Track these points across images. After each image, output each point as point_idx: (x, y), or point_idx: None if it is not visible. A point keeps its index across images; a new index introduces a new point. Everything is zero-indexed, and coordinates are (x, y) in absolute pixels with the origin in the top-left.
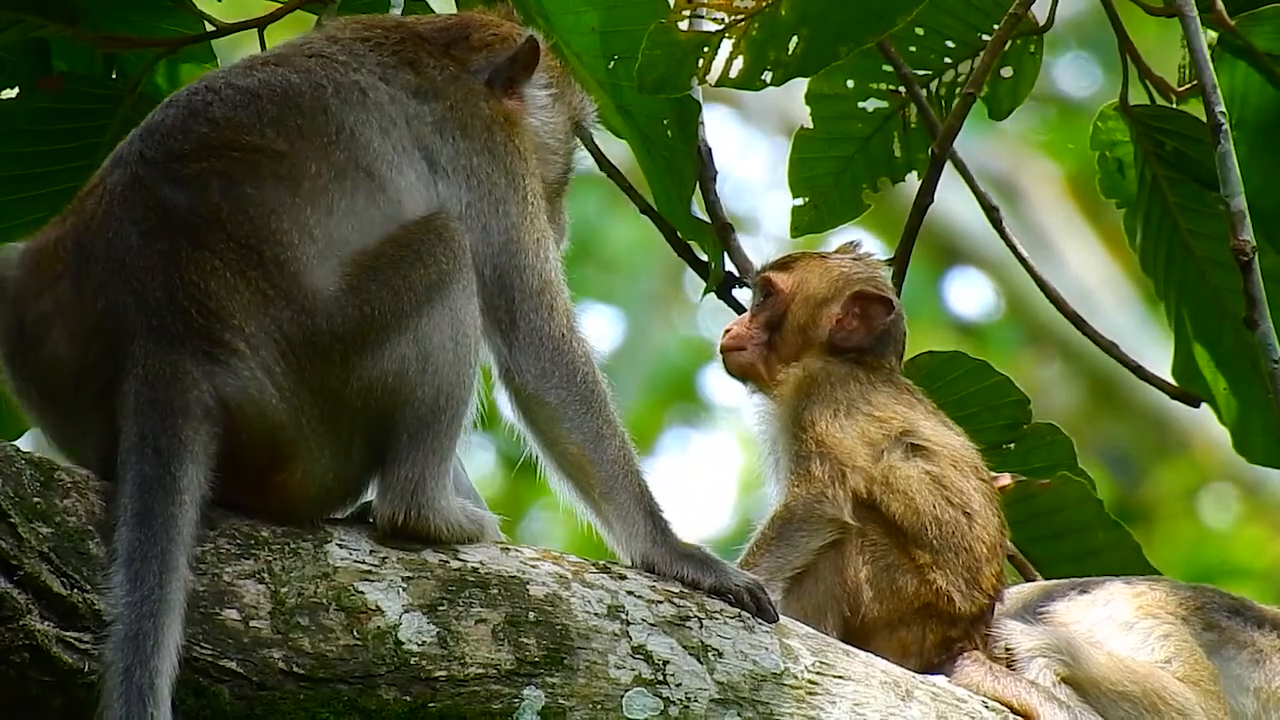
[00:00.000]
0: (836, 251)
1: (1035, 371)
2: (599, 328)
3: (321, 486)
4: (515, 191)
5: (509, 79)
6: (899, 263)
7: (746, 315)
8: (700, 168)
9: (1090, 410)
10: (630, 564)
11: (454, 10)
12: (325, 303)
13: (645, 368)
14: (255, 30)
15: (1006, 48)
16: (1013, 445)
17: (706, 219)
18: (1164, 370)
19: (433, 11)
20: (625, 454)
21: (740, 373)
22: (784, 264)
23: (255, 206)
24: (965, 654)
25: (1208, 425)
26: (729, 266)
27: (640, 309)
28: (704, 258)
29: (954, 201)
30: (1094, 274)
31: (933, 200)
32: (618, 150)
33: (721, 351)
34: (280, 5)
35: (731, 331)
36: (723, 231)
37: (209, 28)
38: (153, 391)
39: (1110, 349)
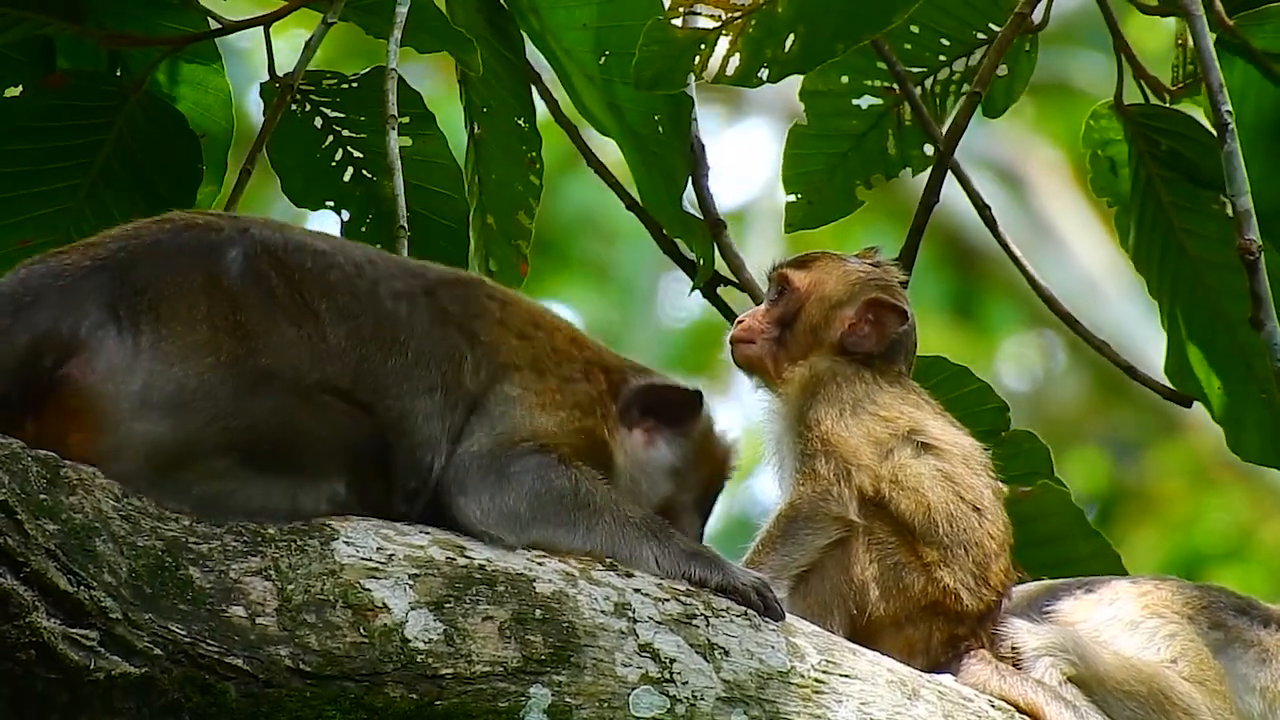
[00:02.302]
0: (857, 255)
1: (1040, 358)
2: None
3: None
4: (563, 399)
5: (647, 410)
6: (905, 262)
7: (760, 308)
8: (693, 164)
9: (1095, 396)
10: None
11: (445, 10)
12: None
13: (647, 348)
14: (261, 28)
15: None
16: (990, 451)
17: (698, 215)
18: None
19: (433, 6)
20: (616, 513)
21: (748, 365)
22: (802, 262)
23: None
24: (972, 653)
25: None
26: (720, 263)
27: (643, 285)
28: (691, 255)
29: (961, 194)
30: (1100, 262)
31: (938, 200)
32: (604, 143)
33: (731, 342)
34: (285, 3)
35: (743, 323)
36: (714, 228)
37: (214, 25)
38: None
39: (1102, 348)
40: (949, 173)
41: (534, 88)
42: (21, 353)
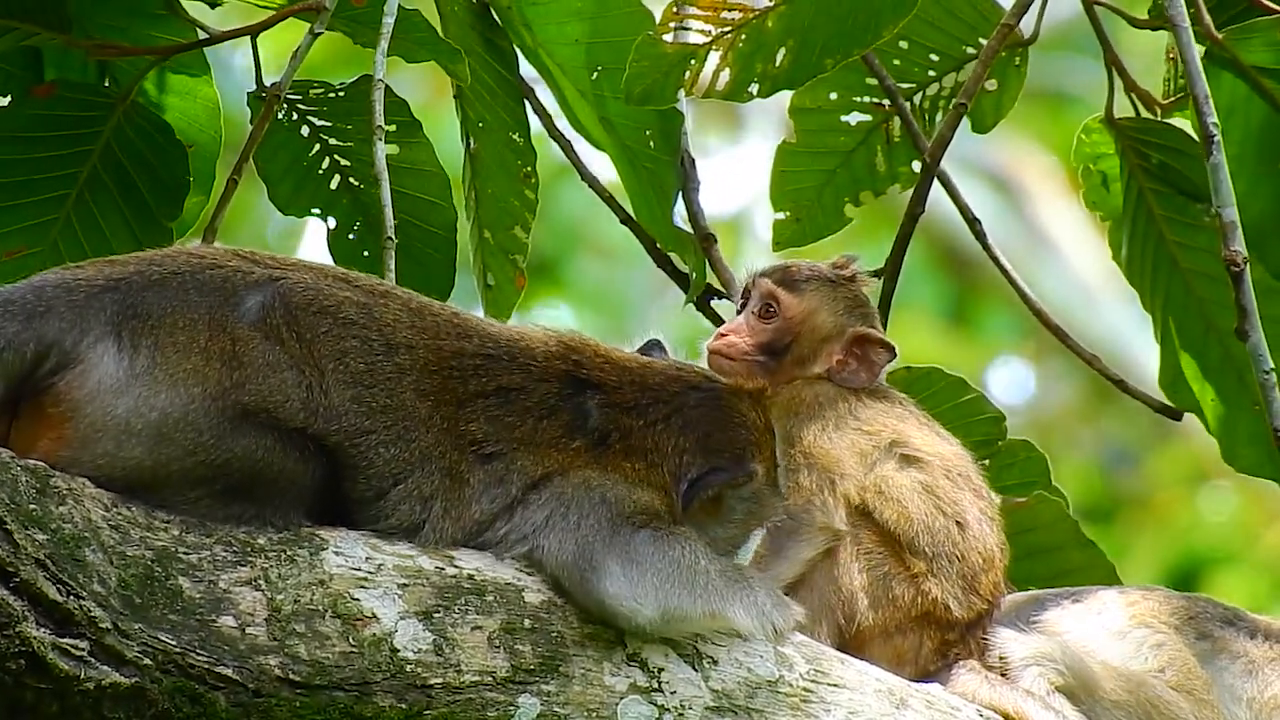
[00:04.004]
0: (832, 264)
1: (1036, 364)
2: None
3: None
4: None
5: (717, 497)
6: (890, 272)
7: (742, 322)
8: (683, 179)
9: (1092, 401)
10: None
11: (438, 24)
12: None
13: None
14: (248, 37)
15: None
16: (987, 461)
17: (689, 229)
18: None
19: (421, 17)
20: (725, 574)
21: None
22: (792, 283)
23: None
24: (961, 662)
25: None
26: (710, 277)
27: (639, 300)
28: (684, 268)
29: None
30: (1096, 270)
31: (924, 210)
32: (597, 159)
33: (710, 353)
34: (273, 13)
35: (726, 339)
36: (705, 242)
37: (201, 35)
38: None
39: (1093, 361)
40: (942, 183)
41: (527, 102)
42: (27, 360)
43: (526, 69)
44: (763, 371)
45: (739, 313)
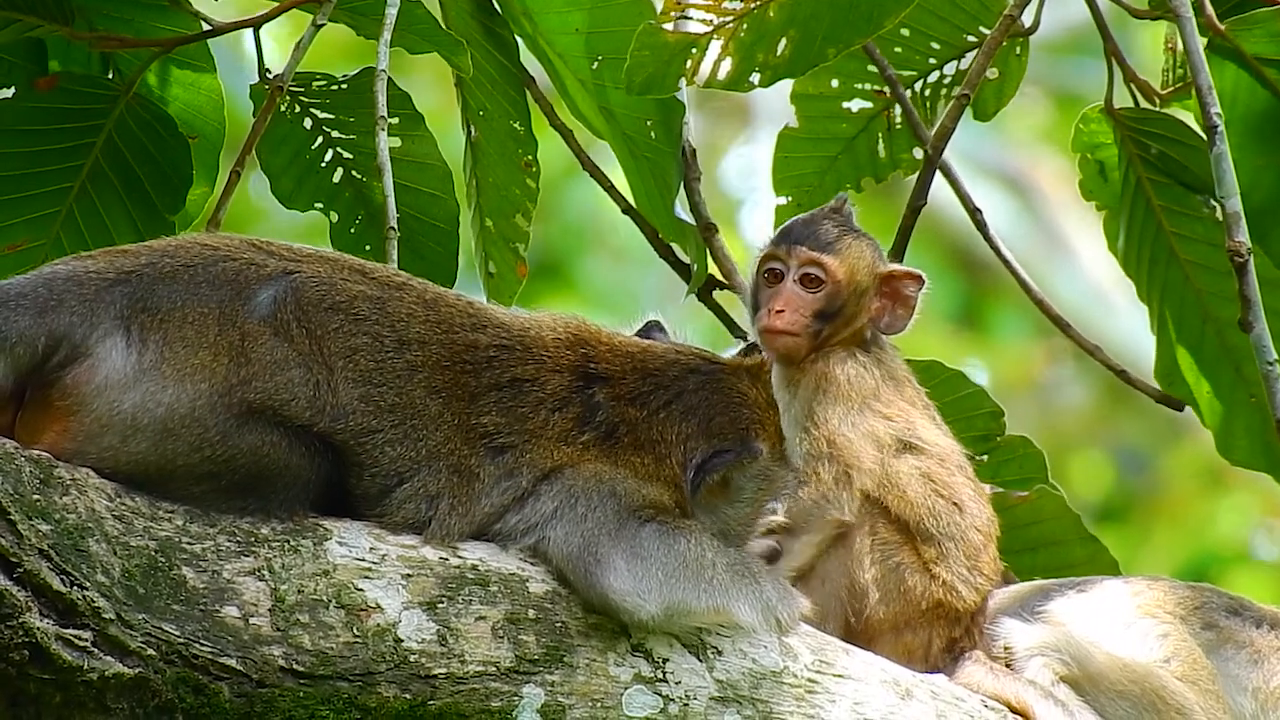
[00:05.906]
0: (831, 208)
1: (1048, 365)
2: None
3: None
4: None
5: (724, 479)
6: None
7: (790, 292)
8: (684, 169)
9: (1104, 402)
10: None
11: (439, 14)
12: None
13: None
14: (251, 29)
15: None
16: (985, 457)
17: (690, 220)
18: None
19: (423, 8)
20: (731, 567)
21: (786, 357)
22: (829, 245)
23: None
24: (966, 653)
25: None
26: (711, 267)
27: (652, 298)
28: (686, 259)
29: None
30: (1111, 272)
31: (925, 202)
32: (600, 149)
33: (772, 333)
34: (276, 5)
35: (784, 315)
36: (706, 232)
37: (205, 27)
38: None
39: (1095, 352)
40: (961, 178)
41: (529, 92)
42: (38, 354)
43: (528, 58)
44: (816, 339)
45: (766, 285)
